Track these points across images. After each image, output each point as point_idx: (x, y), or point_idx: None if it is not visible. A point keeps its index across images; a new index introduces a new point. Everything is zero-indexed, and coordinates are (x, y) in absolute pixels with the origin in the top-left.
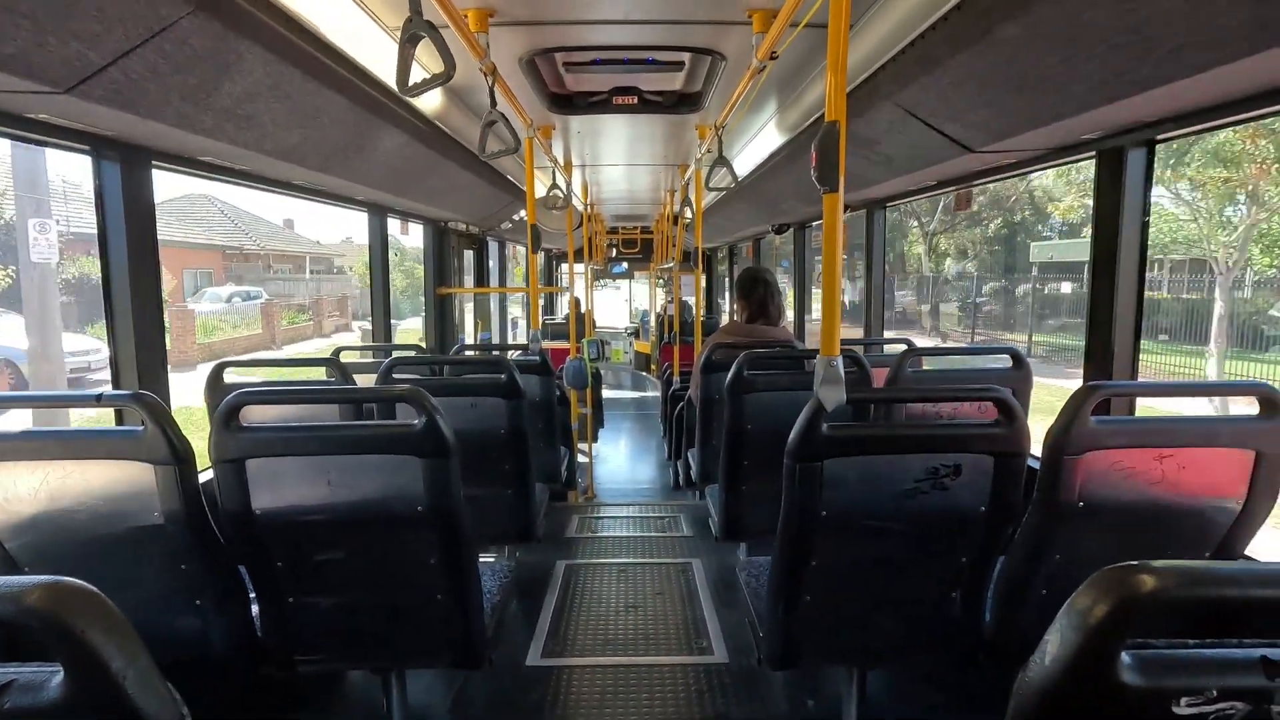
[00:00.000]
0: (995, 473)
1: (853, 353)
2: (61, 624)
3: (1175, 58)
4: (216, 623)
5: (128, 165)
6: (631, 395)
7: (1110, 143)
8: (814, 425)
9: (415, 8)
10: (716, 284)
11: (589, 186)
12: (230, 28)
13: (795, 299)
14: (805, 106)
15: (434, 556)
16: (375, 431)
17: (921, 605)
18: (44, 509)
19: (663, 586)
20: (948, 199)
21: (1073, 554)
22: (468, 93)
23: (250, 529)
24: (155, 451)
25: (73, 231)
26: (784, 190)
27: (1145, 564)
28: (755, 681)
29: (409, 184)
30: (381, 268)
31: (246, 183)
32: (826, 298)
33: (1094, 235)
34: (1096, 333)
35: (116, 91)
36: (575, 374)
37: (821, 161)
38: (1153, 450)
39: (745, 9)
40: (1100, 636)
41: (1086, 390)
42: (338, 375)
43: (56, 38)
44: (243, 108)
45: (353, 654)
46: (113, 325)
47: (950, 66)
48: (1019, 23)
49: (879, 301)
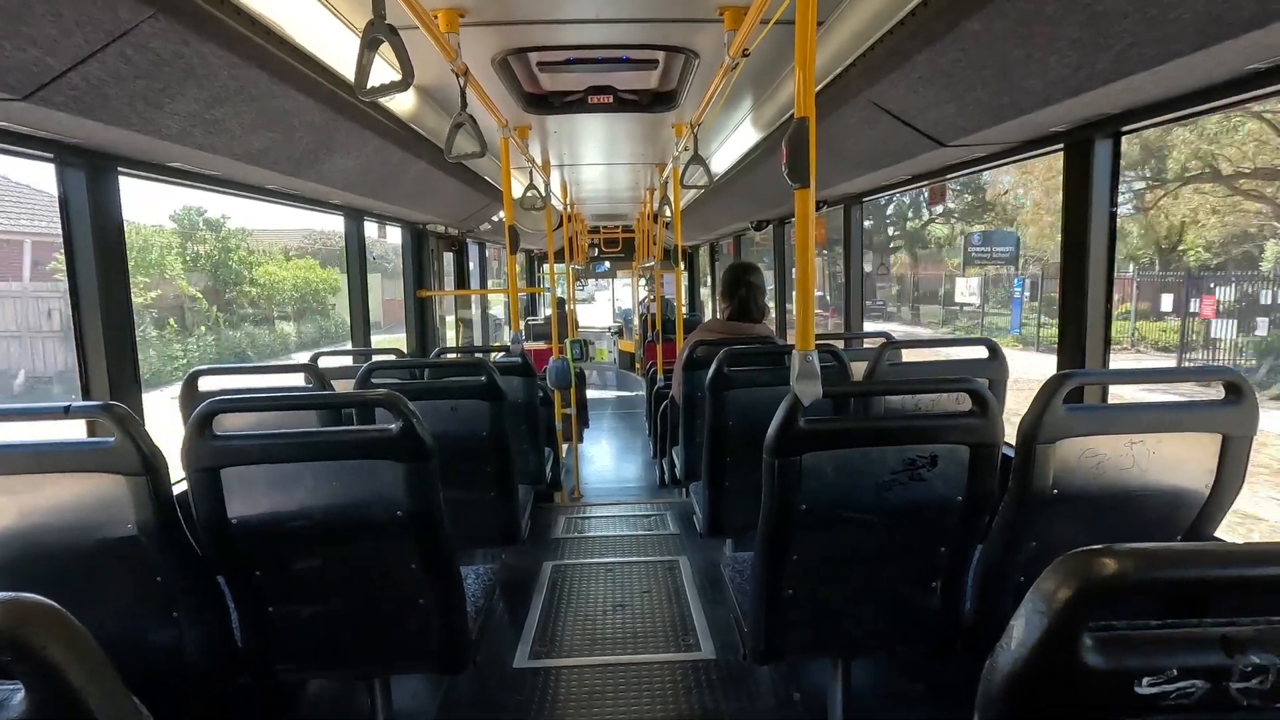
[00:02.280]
0: (971, 463)
1: (830, 346)
2: (20, 640)
3: (1131, 52)
4: (194, 634)
5: (93, 173)
6: (617, 394)
7: (1077, 135)
8: (791, 420)
9: (379, 11)
10: (699, 281)
11: (568, 186)
12: (193, 31)
13: (775, 294)
14: (780, 103)
15: (415, 561)
16: (353, 437)
17: (902, 595)
18: (13, 523)
19: (650, 584)
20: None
21: (1048, 541)
22: (441, 93)
23: (227, 538)
24: (126, 462)
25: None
26: (762, 187)
27: (1108, 547)
28: (742, 677)
29: (384, 187)
30: (359, 272)
31: (217, 189)
32: (800, 292)
33: (1064, 226)
34: (1068, 322)
35: (78, 97)
36: (558, 374)
37: (792, 157)
38: (1123, 436)
39: (716, 7)
40: (1063, 620)
41: (1058, 379)
42: (315, 381)
43: (11, 43)
44: (209, 112)
45: (335, 661)
46: (81, 335)
47: (919, 61)
48: (983, 17)
49: (858, 295)
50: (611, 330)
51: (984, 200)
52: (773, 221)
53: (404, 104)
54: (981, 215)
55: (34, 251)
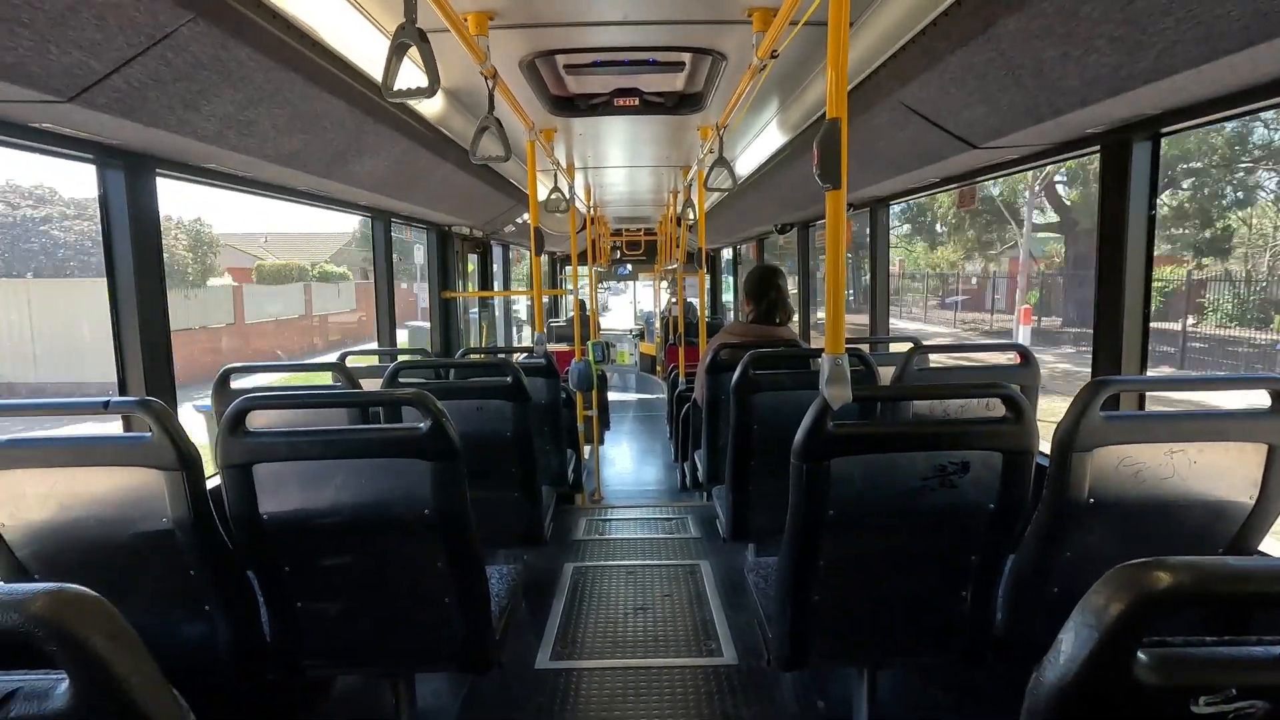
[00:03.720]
0: (1004, 470)
1: (858, 350)
2: (65, 631)
3: (1174, 50)
4: (224, 628)
5: (131, 173)
6: (637, 397)
7: (1114, 137)
8: (820, 424)
9: (410, 15)
10: (720, 284)
11: (592, 189)
12: (231, 34)
13: (800, 298)
14: (807, 105)
15: (441, 560)
16: (382, 435)
17: (931, 604)
18: (53, 516)
19: (671, 588)
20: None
21: (1083, 551)
22: (469, 95)
23: (258, 534)
24: (163, 457)
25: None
26: (787, 189)
27: (1160, 560)
28: (765, 683)
29: (411, 188)
30: (386, 273)
31: (249, 189)
32: (831, 295)
33: (1100, 229)
34: (1104, 327)
35: (119, 99)
36: (580, 376)
37: (823, 159)
38: (1163, 445)
39: (745, 8)
40: (1116, 635)
41: (1094, 385)
42: (343, 380)
43: (58, 46)
44: (244, 114)
45: (361, 658)
46: (119, 332)
47: (951, 62)
48: (1018, 17)
49: (884, 299)
50: (632, 333)
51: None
52: (797, 225)
53: (432, 106)
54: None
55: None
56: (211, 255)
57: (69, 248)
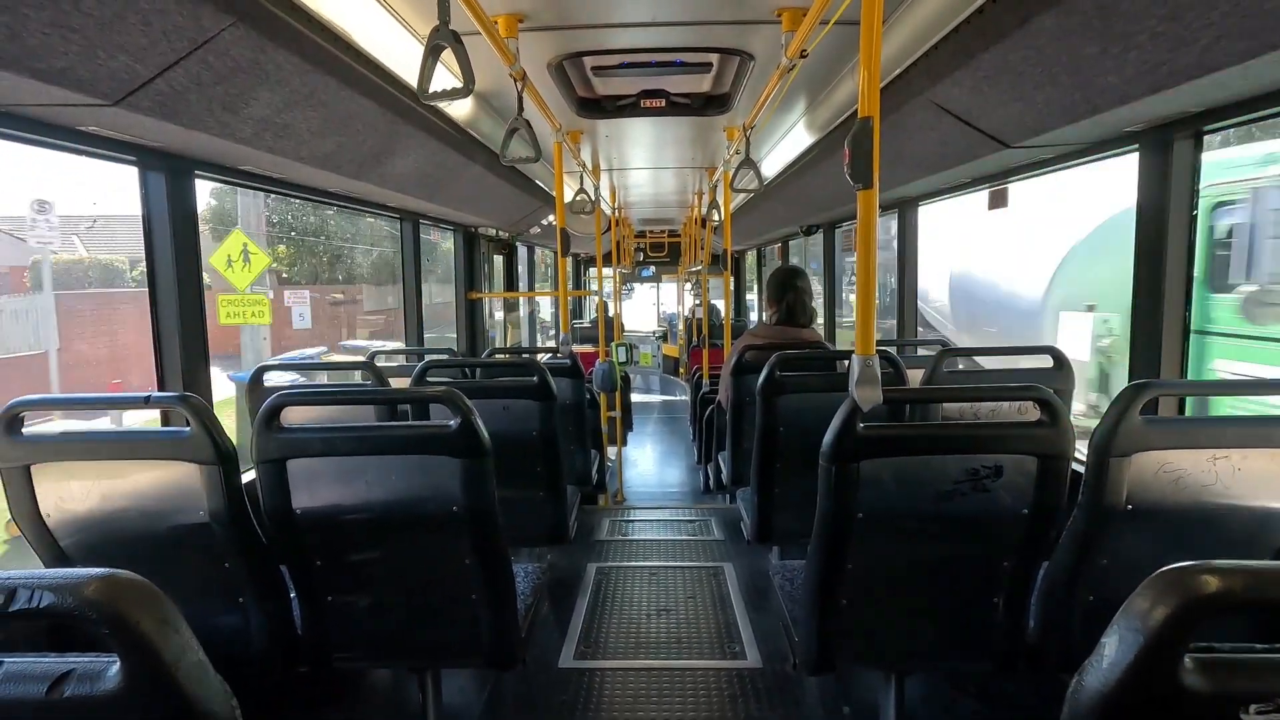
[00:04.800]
0: (1038, 474)
1: (887, 352)
2: (117, 615)
3: (1219, 46)
4: (257, 620)
5: (172, 175)
6: (660, 399)
7: (1154, 135)
8: (849, 426)
9: (444, 18)
10: (744, 286)
11: (617, 190)
12: (269, 38)
13: (825, 300)
14: (836, 105)
15: (469, 556)
16: (412, 432)
17: (962, 610)
18: (96, 507)
19: (694, 590)
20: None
21: (1121, 559)
22: (498, 98)
23: (291, 528)
24: (201, 452)
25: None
26: (814, 190)
27: (1207, 564)
28: (789, 687)
29: (439, 190)
30: (414, 274)
31: (283, 191)
32: (861, 296)
33: (1138, 230)
34: (1142, 329)
35: (162, 103)
36: (604, 377)
37: (855, 158)
38: (1205, 451)
39: (774, 8)
40: (1161, 640)
41: (1134, 389)
42: (373, 378)
43: (105, 51)
44: (280, 116)
45: (389, 652)
46: (158, 328)
47: (985, 60)
48: (1054, 13)
49: (911, 301)
50: (655, 334)
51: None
52: (823, 226)
53: (461, 109)
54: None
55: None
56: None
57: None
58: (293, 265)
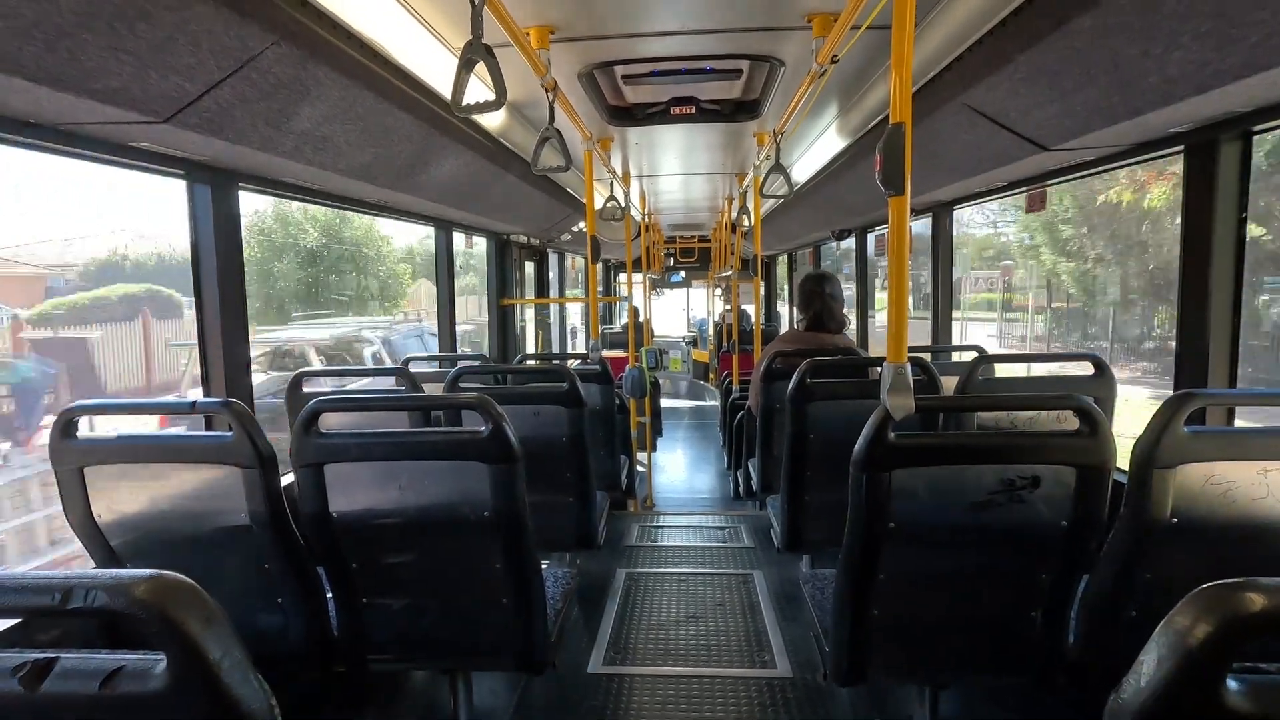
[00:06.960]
0: (1078, 486)
1: (920, 360)
2: (165, 614)
3: (1268, 43)
4: (295, 620)
5: (217, 188)
6: (689, 404)
7: (1200, 136)
8: (881, 434)
9: (477, 32)
10: (775, 292)
11: (647, 197)
12: (310, 55)
13: (857, 306)
14: (867, 110)
15: (499, 561)
16: (445, 438)
17: (998, 623)
18: (144, 509)
19: (724, 597)
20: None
21: (1165, 573)
22: (530, 108)
23: (328, 531)
24: (242, 456)
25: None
26: (845, 195)
27: (1251, 581)
28: (820, 697)
29: (473, 199)
30: (448, 281)
31: (323, 201)
32: (893, 302)
33: (1184, 233)
34: (1188, 337)
35: (209, 119)
36: (634, 383)
37: (887, 164)
38: (1257, 463)
39: (804, 14)
40: (1201, 659)
41: (1178, 399)
42: (407, 384)
43: (157, 71)
44: (320, 129)
45: (421, 654)
46: (204, 337)
47: (1020, 62)
48: (1092, 14)
49: (946, 307)
50: (685, 340)
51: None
52: (854, 231)
53: (494, 119)
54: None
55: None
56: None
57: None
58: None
